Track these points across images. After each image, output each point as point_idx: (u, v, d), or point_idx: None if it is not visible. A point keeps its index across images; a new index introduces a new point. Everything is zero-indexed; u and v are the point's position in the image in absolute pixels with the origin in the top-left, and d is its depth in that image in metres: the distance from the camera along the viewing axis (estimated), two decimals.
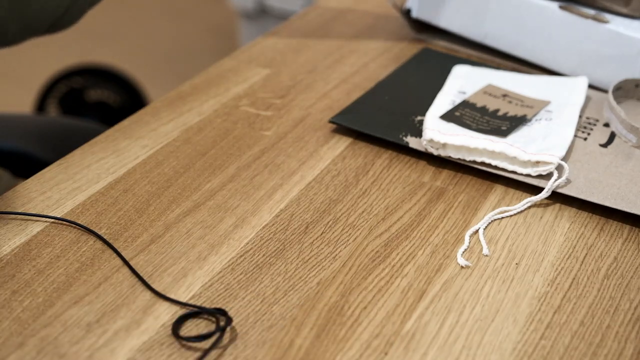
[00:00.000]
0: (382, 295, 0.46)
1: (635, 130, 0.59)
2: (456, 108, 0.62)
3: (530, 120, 0.61)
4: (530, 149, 0.56)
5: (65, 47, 2.05)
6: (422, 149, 0.58)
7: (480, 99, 0.64)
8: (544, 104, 0.63)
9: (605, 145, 0.60)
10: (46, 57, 2.00)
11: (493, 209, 0.53)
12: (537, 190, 0.55)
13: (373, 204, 0.54)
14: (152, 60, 2.17)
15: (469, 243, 0.50)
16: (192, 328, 0.43)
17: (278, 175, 0.57)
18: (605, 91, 0.68)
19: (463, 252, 0.49)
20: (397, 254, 0.49)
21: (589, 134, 0.61)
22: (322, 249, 0.49)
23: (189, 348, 0.42)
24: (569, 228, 0.52)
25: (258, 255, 0.49)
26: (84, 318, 0.43)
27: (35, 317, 0.43)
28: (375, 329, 0.43)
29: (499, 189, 0.56)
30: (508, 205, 0.54)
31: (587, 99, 0.66)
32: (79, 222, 0.50)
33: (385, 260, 0.48)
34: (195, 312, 0.44)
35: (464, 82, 0.67)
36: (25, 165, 0.83)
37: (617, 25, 0.68)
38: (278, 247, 0.49)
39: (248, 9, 2.04)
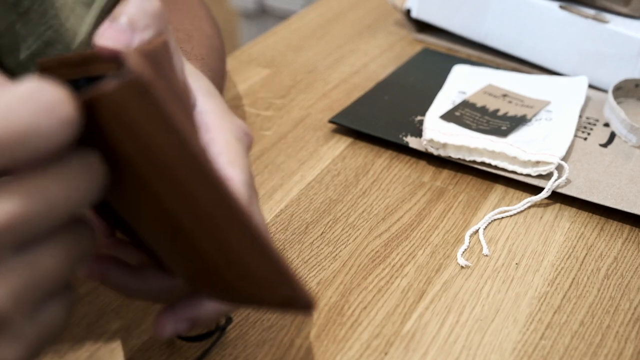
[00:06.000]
0: (382, 295, 0.46)
1: (636, 130, 0.59)
2: (456, 108, 0.62)
3: (530, 120, 0.61)
4: (530, 149, 0.56)
5: None
6: (422, 149, 0.58)
7: (480, 99, 0.64)
8: (544, 104, 0.63)
9: (605, 145, 0.60)
10: None
11: (493, 209, 0.53)
12: (537, 190, 0.55)
13: (373, 204, 0.54)
14: None
15: (469, 243, 0.50)
16: None
17: (278, 175, 0.57)
18: (605, 91, 0.68)
19: (463, 252, 0.49)
20: (397, 254, 0.49)
21: (589, 134, 0.61)
22: (322, 249, 0.49)
23: (189, 348, 0.42)
24: (569, 228, 0.52)
25: None
26: (84, 318, 0.43)
27: None
28: (375, 329, 0.43)
29: (499, 189, 0.56)
30: (508, 205, 0.54)
31: (587, 99, 0.66)
32: None
33: (385, 260, 0.48)
34: None
35: (464, 82, 0.67)
36: None
37: (617, 25, 0.68)
38: (278, 247, 0.49)
39: (248, 9, 2.04)
